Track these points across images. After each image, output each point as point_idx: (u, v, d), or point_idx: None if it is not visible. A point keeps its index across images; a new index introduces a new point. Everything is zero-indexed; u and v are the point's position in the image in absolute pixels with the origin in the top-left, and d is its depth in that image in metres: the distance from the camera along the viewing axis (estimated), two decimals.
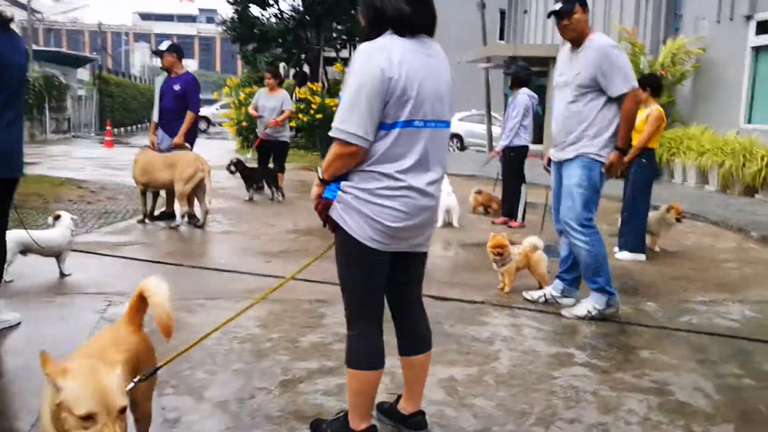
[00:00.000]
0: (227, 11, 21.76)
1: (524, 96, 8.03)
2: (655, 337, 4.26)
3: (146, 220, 7.42)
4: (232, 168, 9.32)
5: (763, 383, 3.57)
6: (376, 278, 2.56)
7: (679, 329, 4.41)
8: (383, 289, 2.62)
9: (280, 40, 21.17)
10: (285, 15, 21.36)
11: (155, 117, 7.64)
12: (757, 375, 3.68)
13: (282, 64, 22.69)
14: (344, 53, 22.25)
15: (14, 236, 4.70)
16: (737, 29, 12.59)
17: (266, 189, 9.76)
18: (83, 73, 38.20)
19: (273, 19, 21.74)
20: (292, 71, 23.13)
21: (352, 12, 20.78)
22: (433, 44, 2.53)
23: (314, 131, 18.14)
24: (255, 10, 21.95)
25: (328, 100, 18.68)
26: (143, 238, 6.79)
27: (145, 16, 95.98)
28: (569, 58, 4.56)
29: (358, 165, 2.44)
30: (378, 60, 2.35)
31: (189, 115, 7.44)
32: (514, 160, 8.23)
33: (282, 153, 10.06)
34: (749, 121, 12.38)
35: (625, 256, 6.58)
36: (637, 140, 6.60)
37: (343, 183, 2.47)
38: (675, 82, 13.94)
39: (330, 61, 21.23)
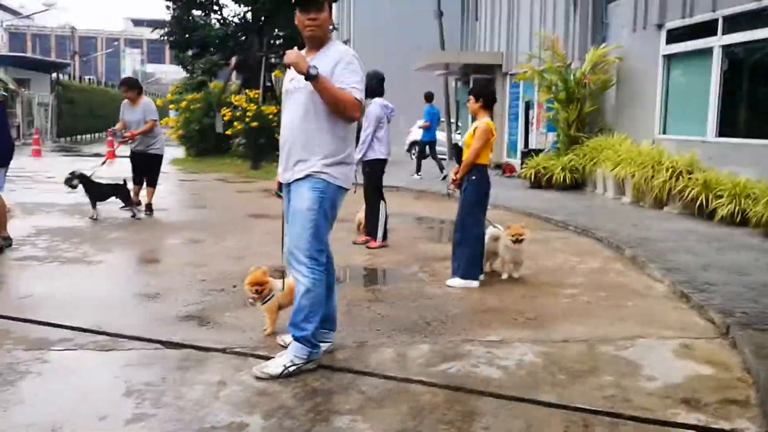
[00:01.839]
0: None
1: (377, 106, 7.38)
2: (379, 395, 3.58)
3: None
4: (74, 182, 8.62)
5: None
6: None
7: (422, 381, 3.73)
8: None
9: (219, 45, 20.56)
10: (227, 20, 20.77)
11: None
12: None
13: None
14: None
15: None
16: (650, 38, 12.00)
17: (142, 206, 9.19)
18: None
19: (216, 24, 21.15)
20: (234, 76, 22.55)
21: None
22: None
23: (251, 139, 17.51)
24: (198, 14, 21.39)
25: (265, 108, 18.06)
26: None
27: (137, 22, 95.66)
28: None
29: None
30: None
31: None
32: (370, 175, 7.57)
33: (153, 166, 9.44)
34: (663, 132, 11.76)
35: (455, 283, 5.92)
36: (465, 155, 5.98)
37: None
38: (598, 90, 13.41)
39: (271, 67, 20.62)
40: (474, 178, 5.93)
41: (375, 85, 7.50)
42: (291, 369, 3.75)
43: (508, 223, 6.35)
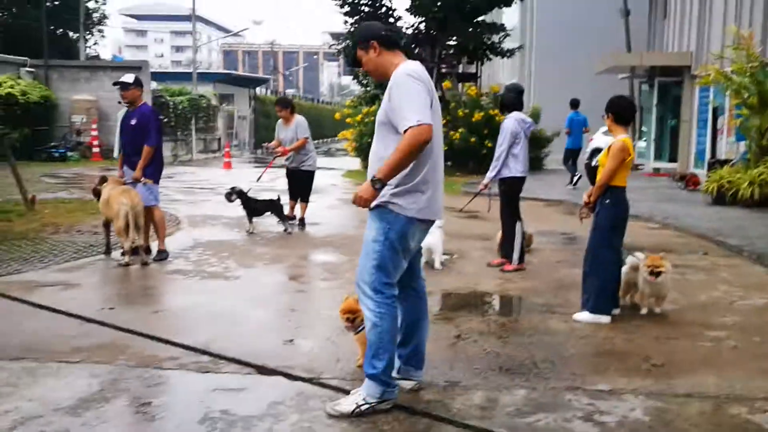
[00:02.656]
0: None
1: (512, 121, 7.01)
2: None
3: (110, 254, 7.47)
4: (233, 197, 9.15)
5: None
6: None
7: None
8: None
9: None
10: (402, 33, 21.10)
11: (116, 151, 7.67)
12: None
13: None
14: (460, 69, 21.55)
15: None
16: None
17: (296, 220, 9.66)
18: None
19: None
20: None
21: (470, 29, 20.12)
22: None
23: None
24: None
25: None
26: (83, 279, 6.71)
27: (335, 36, 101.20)
28: None
29: None
30: None
31: (145, 149, 7.35)
32: (505, 194, 7.22)
33: (306, 182, 9.77)
34: None
35: (583, 317, 5.42)
36: (599, 177, 5.47)
37: None
38: None
39: (441, 78, 20.63)
40: (608, 201, 5.41)
41: (513, 99, 7.17)
42: (363, 408, 3.61)
43: (663, 248, 5.71)
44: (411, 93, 3.47)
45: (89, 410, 3.62)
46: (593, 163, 11.14)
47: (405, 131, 3.41)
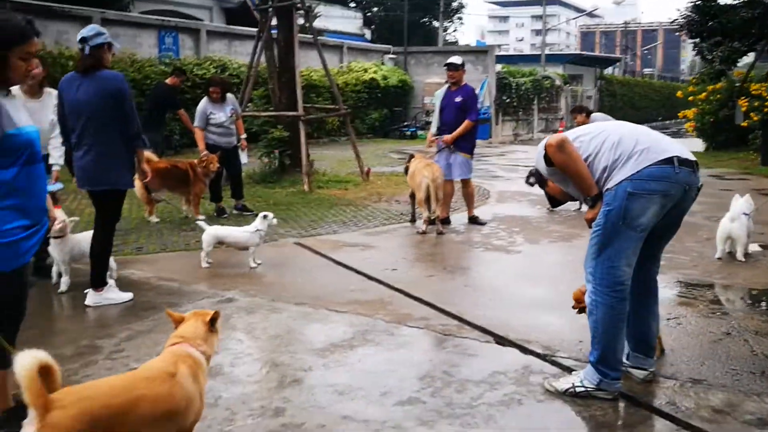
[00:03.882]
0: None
1: None
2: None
3: (414, 222, 8.12)
4: (531, 180, 9.04)
5: None
6: None
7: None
8: None
9: (741, 30, 18.41)
10: (755, 1, 18.38)
11: (433, 128, 8.27)
12: None
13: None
14: None
15: (211, 231, 6.14)
16: None
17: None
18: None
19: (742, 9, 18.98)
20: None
21: None
22: None
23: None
24: None
25: None
26: (382, 242, 7.42)
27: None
28: None
29: None
30: None
31: (466, 123, 7.88)
32: None
33: None
34: None
35: None
36: None
37: None
38: None
39: None
40: None
41: None
42: (578, 390, 3.47)
43: None
44: None
45: (334, 353, 4.11)
46: None
47: None
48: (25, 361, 2.11)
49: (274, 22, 11.62)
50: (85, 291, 5.04)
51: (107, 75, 4.61)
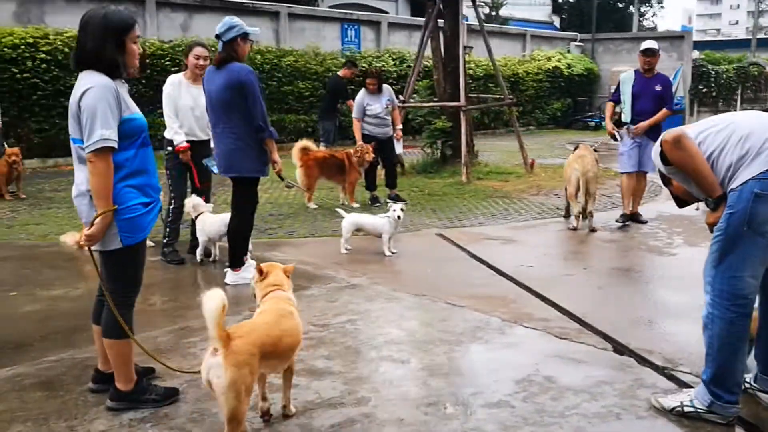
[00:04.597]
0: None
1: None
2: None
3: (569, 218, 7.75)
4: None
5: None
6: None
7: None
8: None
9: None
10: None
11: (626, 116, 7.64)
12: None
13: None
14: None
15: (350, 218, 6.36)
16: None
17: None
18: None
19: None
20: None
21: None
22: None
23: None
24: None
25: None
26: (526, 237, 7.17)
27: None
28: None
29: None
30: None
31: (663, 112, 7.45)
32: None
33: None
34: None
35: None
36: None
37: None
38: None
39: None
40: None
41: None
42: (686, 410, 3.16)
43: None
44: None
45: (436, 348, 4.06)
46: None
47: None
48: (213, 301, 2.63)
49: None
50: (225, 269, 5.45)
51: (234, 68, 4.90)
